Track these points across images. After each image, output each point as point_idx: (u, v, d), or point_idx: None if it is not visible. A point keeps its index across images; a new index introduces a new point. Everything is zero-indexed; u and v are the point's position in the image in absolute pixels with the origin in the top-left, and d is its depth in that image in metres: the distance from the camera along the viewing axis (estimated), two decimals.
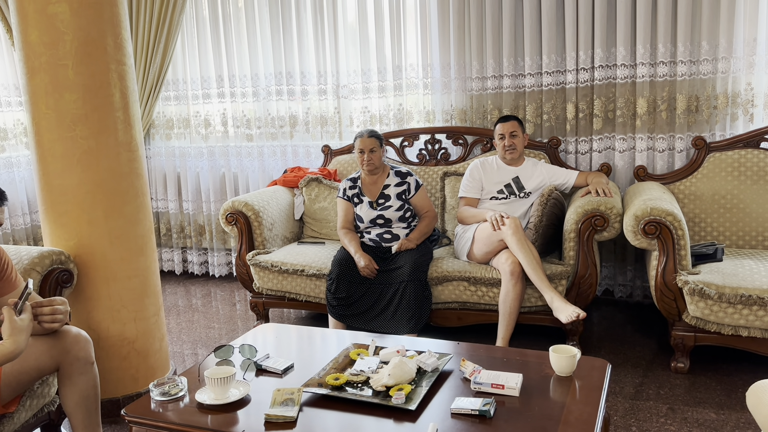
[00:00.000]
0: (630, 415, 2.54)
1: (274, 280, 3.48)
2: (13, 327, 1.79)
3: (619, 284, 3.88)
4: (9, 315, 1.79)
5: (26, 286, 1.85)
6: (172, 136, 4.79)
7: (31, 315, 1.85)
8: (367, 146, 3.35)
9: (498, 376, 1.89)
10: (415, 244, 3.29)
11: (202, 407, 1.86)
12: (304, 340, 2.42)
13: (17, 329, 1.79)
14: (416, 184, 3.42)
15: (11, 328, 1.79)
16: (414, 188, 3.41)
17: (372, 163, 3.36)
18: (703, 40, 3.38)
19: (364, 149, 3.35)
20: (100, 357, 2.64)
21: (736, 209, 3.28)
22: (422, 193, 3.43)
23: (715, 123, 3.49)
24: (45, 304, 1.95)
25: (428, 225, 3.40)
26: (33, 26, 2.45)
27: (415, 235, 3.33)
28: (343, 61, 4.21)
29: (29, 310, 1.85)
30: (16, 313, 1.81)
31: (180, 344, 3.60)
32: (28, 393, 2.16)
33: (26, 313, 1.83)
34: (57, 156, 2.54)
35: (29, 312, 1.85)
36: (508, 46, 3.74)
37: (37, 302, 1.95)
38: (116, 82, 2.58)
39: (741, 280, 2.67)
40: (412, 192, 3.40)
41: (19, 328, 1.79)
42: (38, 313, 1.93)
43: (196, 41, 4.54)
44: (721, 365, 2.94)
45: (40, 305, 1.94)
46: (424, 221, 3.40)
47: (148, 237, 2.77)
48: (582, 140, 3.74)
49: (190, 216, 4.85)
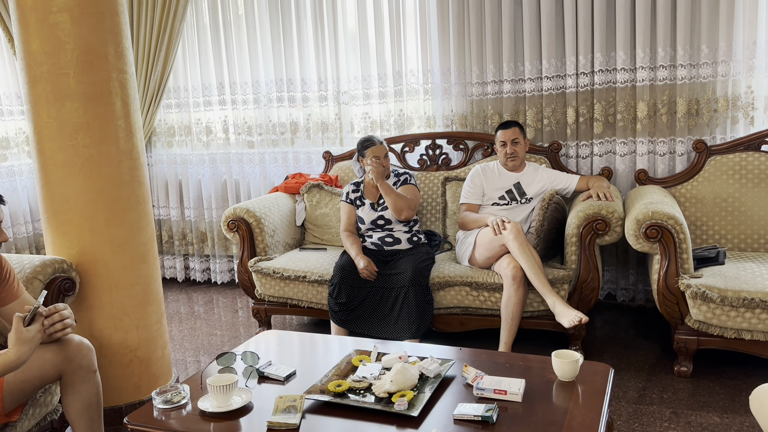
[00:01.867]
0: (633, 420, 2.53)
1: (276, 287, 3.48)
2: (19, 337, 1.80)
3: (621, 288, 3.88)
4: (17, 324, 1.80)
5: (41, 297, 1.86)
6: (174, 143, 4.80)
7: (40, 327, 1.85)
8: (381, 153, 3.42)
9: (500, 381, 1.89)
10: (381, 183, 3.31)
11: (204, 415, 1.86)
12: (306, 346, 2.42)
13: (23, 339, 1.80)
14: (407, 177, 3.47)
15: (17, 337, 1.80)
16: (403, 181, 3.46)
17: (387, 168, 3.44)
18: (703, 44, 3.39)
19: (379, 156, 3.40)
20: (103, 365, 2.64)
21: (737, 212, 3.27)
22: (412, 187, 3.45)
23: (715, 126, 3.49)
24: (52, 311, 1.94)
25: (403, 198, 3.33)
26: (34, 36, 2.47)
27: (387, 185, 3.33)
28: (343, 68, 4.23)
29: (39, 322, 1.85)
30: (25, 323, 1.81)
31: (182, 351, 3.59)
32: (31, 402, 2.16)
33: (35, 325, 1.83)
34: (59, 165, 2.54)
35: (39, 324, 1.84)
36: (508, 51, 3.75)
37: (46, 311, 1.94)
38: (117, 91, 2.59)
39: (743, 283, 2.66)
40: (401, 183, 3.44)
41: (24, 338, 1.80)
42: (49, 323, 1.92)
43: (197, 49, 4.56)
44: (724, 369, 2.93)
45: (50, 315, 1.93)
46: (404, 198, 3.34)
47: (150, 244, 2.78)
48: (583, 144, 3.74)
49: (192, 223, 4.85)
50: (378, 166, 3.35)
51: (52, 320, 1.92)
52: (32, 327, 1.82)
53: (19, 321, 1.81)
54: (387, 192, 3.32)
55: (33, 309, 1.84)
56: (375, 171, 3.33)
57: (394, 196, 3.32)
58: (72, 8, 2.45)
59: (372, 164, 3.35)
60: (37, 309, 1.85)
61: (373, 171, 3.34)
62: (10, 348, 1.80)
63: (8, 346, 1.81)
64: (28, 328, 1.81)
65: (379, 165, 3.35)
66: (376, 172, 3.33)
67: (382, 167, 3.36)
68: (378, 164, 3.35)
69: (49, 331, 1.91)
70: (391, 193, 3.33)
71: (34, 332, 1.82)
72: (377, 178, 3.33)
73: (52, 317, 1.92)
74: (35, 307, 1.84)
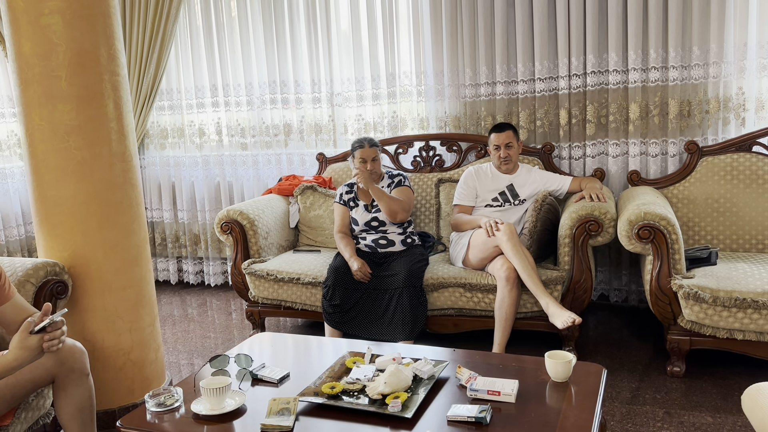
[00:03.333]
0: (626, 420, 2.54)
1: (269, 289, 3.48)
2: (23, 341, 1.78)
3: (614, 289, 3.89)
4: (25, 328, 1.78)
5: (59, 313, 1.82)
6: (167, 145, 4.79)
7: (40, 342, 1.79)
8: (369, 156, 3.40)
9: (494, 382, 1.89)
10: (371, 188, 3.31)
11: (197, 418, 1.85)
12: (300, 348, 2.42)
13: (25, 345, 1.78)
14: (401, 179, 3.47)
15: (20, 342, 1.78)
16: (397, 183, 3.45)
17: (375, 172, 3.42)
18: (694, 45, 3.41)
19: (366, 158, 3.38)
20: (96, 368, 2.63)
21: (729, 213, 3.29)
22: (405, 189, 3.44)
23: (707, 127, 3.51)
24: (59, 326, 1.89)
25: (397, 201, 3.33)
26: (26, 38, 2.46)
27: (378, 190, 3.33)
28: (336, 70, 4.23)
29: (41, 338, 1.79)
30: (33, 330, 1.78)
31: (176, 354, 3.58)
32: (23, 405, 2.15)
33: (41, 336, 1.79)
34: (51, 167, 2.53)
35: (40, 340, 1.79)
36: (501, 53, 3.76)
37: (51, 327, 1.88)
38: (110, 93, 2.59)
39: (735, 283, 2.68)
40: (396, 185, 3.44)
41: (27, 345, 1.78)
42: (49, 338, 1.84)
43: (190, 51, 4.55)
44: (716, 369, 2.94)
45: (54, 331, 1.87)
46: (397, 201, 3.33)
47: (142, 247, 2.77)
48: (575, 146, 3.76)
49: (185, 225, 4.84)
50: (363, 171, 3.35)
51: (53, 336, 1.87)
52: (37, 336, 1.78)
53: (29, 326, 1.78)
54: (379, 197, 3.32)
55: (48, 320, 1.79)
56: (361, 176, 3.34)
57: (387, 199, 3.32)
58: (64, 10, 2.44)
59: (359, 168, 3.36)
60: (51, 323, 1.80)
61: (359, 176, 3.35)
62: (10, 351, 1.79)
63: (9, 348, 1.79)
64: (32, 336, 1.78)
65: (364, 169, 3.36)
66: (362, 177, 3.34)
67: (367, 172, 3.36)
68: (363, 168, 3.36)
69: (47, 345, 1.85)
70: (383, 197, 3.32)
71: (37, 341, 1.78)
72: (365, 183, 3.33)
73: (54, 333, 1.87)
74: (50, 320, 1.79)
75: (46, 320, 1.80)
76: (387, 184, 3.46)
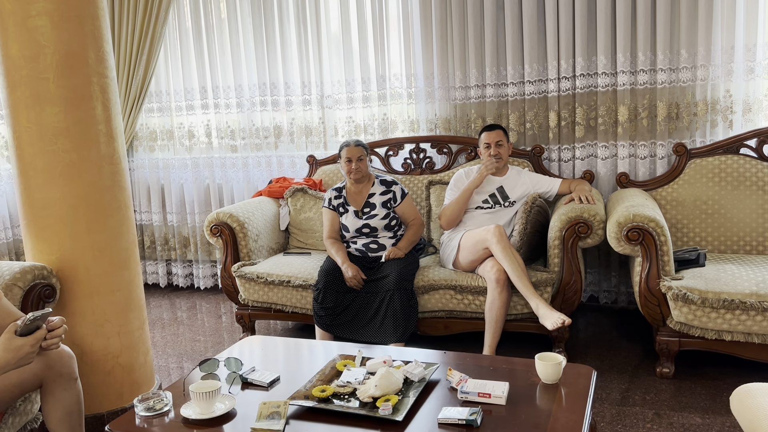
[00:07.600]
0: (616, 421, 2.55)
1: (260, 292, 3.47)
2: (7, 345, 1.74)
3: (603, 290, 3.91)
4: (10, 330, 1.74)
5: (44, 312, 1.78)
6: (156, 148, 4.77)
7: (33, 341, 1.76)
8: (354, 155, 3.37)
9: (484, 384, 1.89)
10: (404, 253, 3.29)
11: (187, 422, 1.84)
12: (290, 351, 2.41)
13: (9, 347, 1.74)
14: (402, 193, 3.43)
15: (5, 344, 1.74)
16: (400, 197, 3.41)
17: (359, 171, 3.38)
18: (682, 48, 3.43)
19: (351, 158, 3.36)
20: (84, 372, 2.60)
21: (717, 215, 3.31)
22: (408, 201, 3.44)
23: (695, 130, 3.54)
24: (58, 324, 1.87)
25: (416, 233, 3.41)
26: (13, 39, 2.44)
27: (404, 244, 3.33)
28: (327, 72, 4.22)
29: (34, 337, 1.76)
30: (17, 333, 1.74)
31: (165, 358, 3.56)
32: (11, 410, 2.13)
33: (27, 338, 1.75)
34: (39, 170, 2.51)
35: (32, 338, 1.76)
36: (491, 55, 3.77)
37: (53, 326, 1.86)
38: (98, 95, 2.57)
39: (723, 284, 2.69)
40: (398, 201, 3.41)
41: (11, 347, 1.74)
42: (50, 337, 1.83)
43: (179, 53, 4.53)
44: (705, 370, 2.96)
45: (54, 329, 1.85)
46: (411, 229, 3.41)
47: (131, 250, 2.75)
48: (565, 148, 3.77)
49: (175, 228, 4.82)
50: (490, 159, 3.34)
51: (55, 334, 1.85)
52: (22, 338, 1.74)
53: (13, 328, 1.75)
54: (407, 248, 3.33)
55: (30, 317, 1.75)
56: (490, 164, 3.33)
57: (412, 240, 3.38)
58: (51, 12, 2.42)
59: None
60: (34, 322, 1.76)
61: (487, 165, 3.33)
62: None
63: None
64: (18, 338, 1.74)
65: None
66: (490, 166, 3.33)
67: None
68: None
69: (47, 343, 1.82)
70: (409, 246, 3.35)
71: (22, 343, 1.74)
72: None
73: (56, 331, 1.84)
74: (31, 316, 1.75)
75: (25, 318, 1.75)
76: (380, 192, 3.43)
